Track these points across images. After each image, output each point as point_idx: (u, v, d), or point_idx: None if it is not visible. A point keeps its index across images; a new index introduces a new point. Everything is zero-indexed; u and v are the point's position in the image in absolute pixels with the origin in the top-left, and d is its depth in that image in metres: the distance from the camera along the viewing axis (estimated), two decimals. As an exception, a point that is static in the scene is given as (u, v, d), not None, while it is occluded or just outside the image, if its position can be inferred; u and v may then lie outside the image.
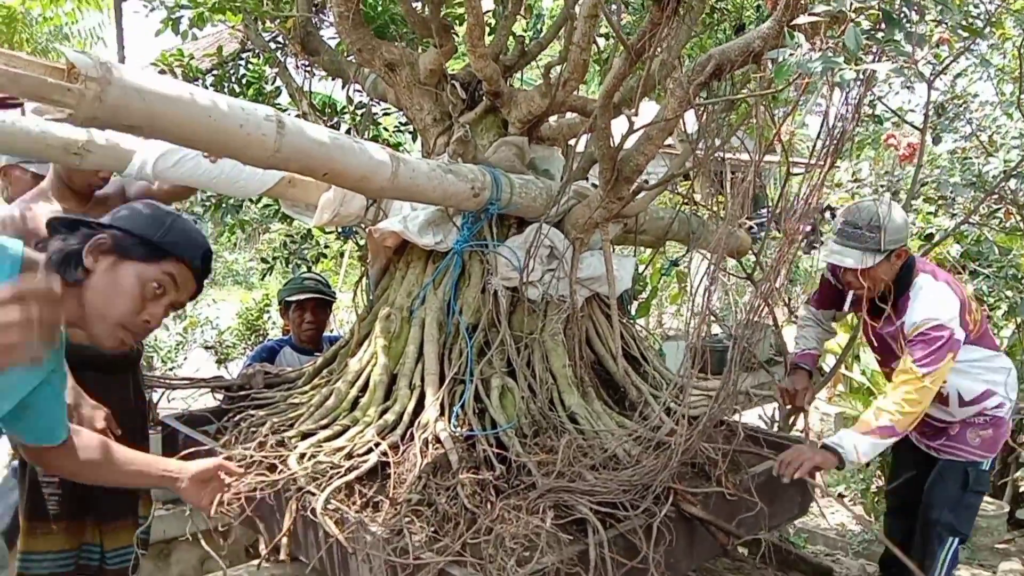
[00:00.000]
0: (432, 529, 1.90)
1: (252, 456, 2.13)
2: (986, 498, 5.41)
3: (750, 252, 3.85)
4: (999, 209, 4.86)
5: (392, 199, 2.13)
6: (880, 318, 2.79)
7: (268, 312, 5.74)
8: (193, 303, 5.87)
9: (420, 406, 2.36)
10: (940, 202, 4.88)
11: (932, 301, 2.69)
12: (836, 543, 4.86)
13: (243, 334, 5.63)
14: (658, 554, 1.93)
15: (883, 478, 5.24)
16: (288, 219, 3.69)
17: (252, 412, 2.48)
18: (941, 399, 2.80)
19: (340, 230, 2.87)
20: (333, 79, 3.33)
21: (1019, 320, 4.84)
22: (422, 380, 2.42)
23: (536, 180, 2.55)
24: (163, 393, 3.12)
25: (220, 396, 2.93)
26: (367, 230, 2.66)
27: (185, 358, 5.46)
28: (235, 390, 2.88)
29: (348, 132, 3.57)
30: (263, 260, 3.83)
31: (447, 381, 2.37)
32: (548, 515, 1.81)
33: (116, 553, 2.66)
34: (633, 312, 3.94)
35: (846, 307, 3.05)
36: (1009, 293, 5.02)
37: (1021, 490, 5.07)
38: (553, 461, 2.09)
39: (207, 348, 5.54)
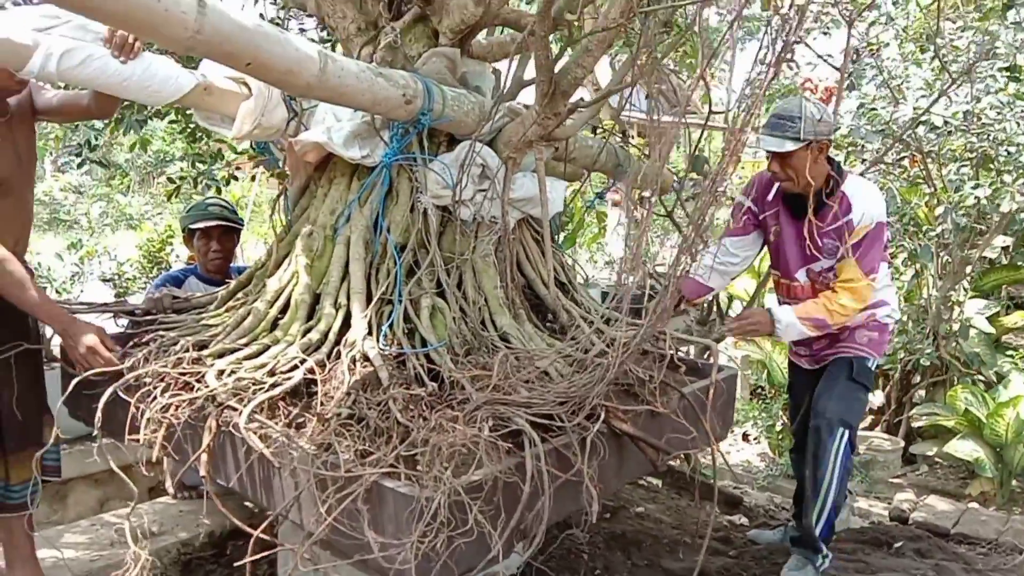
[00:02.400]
0: (362, 444, 1.82)
1: (166, 374, 2.00)
2: (882, 434, 5.76)
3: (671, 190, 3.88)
4: (904, 157, 5.06)
5: (317, 99, 2.00)
6: (802, 221, 2.85)
7: (171, 244, 5.41)
8: (89, 234, 5.51)
9: (346, 326, 2.26)
10: (850, 148, 5.04)
11: (875, 199, 2.85)
12: (743, 478, 5.05)
13: (144, 267, 5.30)
14: (591, 468, 1.92)
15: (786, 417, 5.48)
16: (194, 141, 3.46)
17: (162, 335, 2.33)
18: None
19: (256, 146, 2.69)
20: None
21: (919, 266, 5.09)
22: (347, 299, 2.31)
23: (469, 94, 2.45)
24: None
25: (123, 322, 2.75)
26: (287, 143, 2.51)
27: (81, 291, 5.10)
28: (140, 315, 2.70)
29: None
30: (169, 180, 3.58)
31: (375, 300, 2.27)
32: (485, 425, 1.76)
33: (23, 486, 2.47)
34: (560, 242, 3.91)
35: (766, 213, 3.08)
36: (907, 242, 5.29)
37: (915, 426, 5.38)
38: (487, 377, 2.04)
39: (105, 281, 5.19)
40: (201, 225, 3.34)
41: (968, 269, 5.31)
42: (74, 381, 2.15)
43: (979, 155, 4.91)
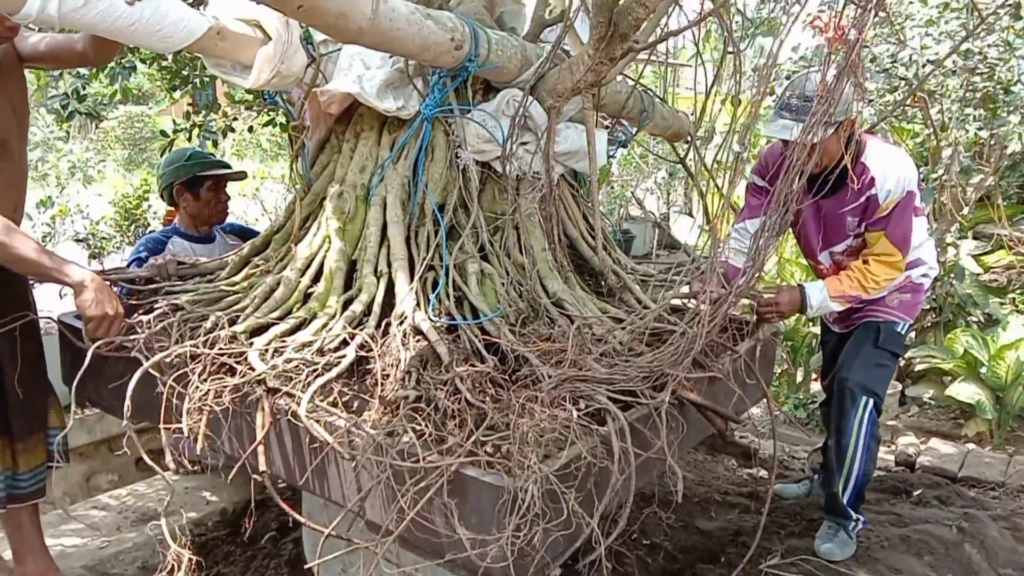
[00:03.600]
0: (433, 429, 1.67)
1: (204, 356, 1.80)
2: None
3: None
4: (908, 97, 4.96)
5: (366, 46, 1.78)
6: (822, 201, 2.71)
7: (148, 200, 5.05)
8: (60, 191, 5.14)
9: (388, 295, 2.09)
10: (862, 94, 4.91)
11: (900, 166, 2.65)
12: (755, 431, 5.01)
13: (120, 225, 4.95)
14: (671, 442, 1.81)
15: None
16: (185, 86, 3.16)
17: (177, 307, 2.11)
18: None
19: (266, 96, 2.45)
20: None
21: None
22: (388, 266, 2.13)
23: (510, 37, 2.24)
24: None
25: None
26: (310, 93, 2.28)
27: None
28: (142, 283, 2.47)
29: None
30: (162, 133, 3.28)
31: (420, 267, 2.09)
32: (573, 408, 1.62)
33: (34, 473, 2.28)
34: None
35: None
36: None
37: (912, 370, 5.41)
38: (555, 351, 1.89)
39: (78, 241, 4.84)
40: (212, 173, 3.08)
41: (965, 211, 5.29)
42: (87, 356, 1.94)
43: (982, 95, 4.84)
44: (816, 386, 5.48)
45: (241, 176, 3.26)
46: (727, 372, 2.26)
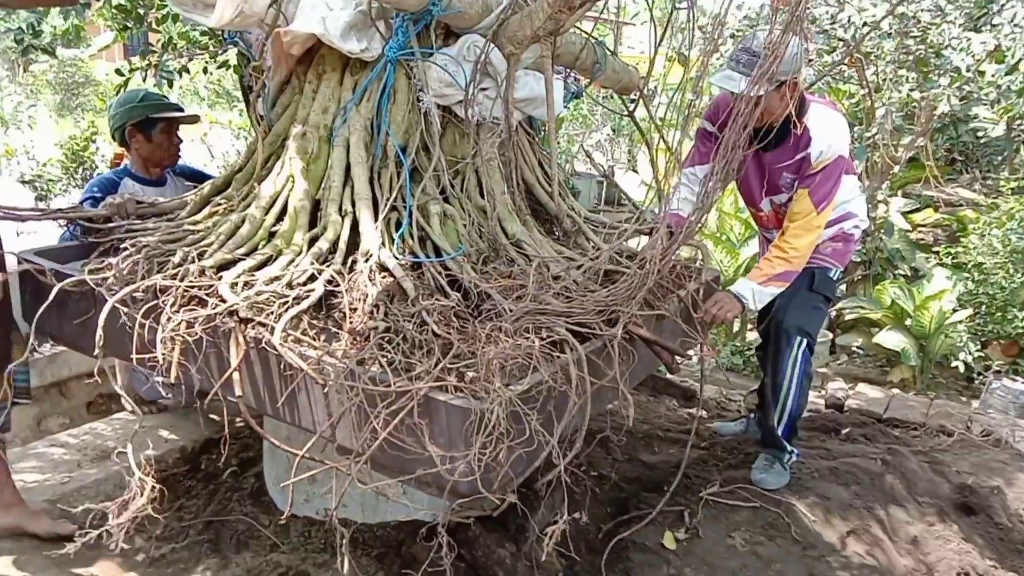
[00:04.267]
0: (402, 358, 1.76)
1: (175, 288, 1.85)
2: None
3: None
4: (845, 58, 5.14)
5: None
6: (763, 154, 2.84)
7: (95, 142, 4.92)
8: (3, 130, 4.95)
9: (353, 234, 2.15)
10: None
11: (835, 130, 2.78)
12: (694, 375, 5.23)
13: (67, 166, 4.81)
14: (625, 372, 1.94)
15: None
16: (138, 26, 3.10)
17: (139, 243, 2.13)
18: None
19: (227, 35, 2.44)
20: None
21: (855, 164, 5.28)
22: (352, 206, 2.19)
23: (473, -17, 2.29)
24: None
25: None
26: (272, 34, 2.29)
27: (-3, 194, 4.62)
28: (101, 222, 2.48)
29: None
30: (118, 72, 3.21)
31: (384, 206, 2.16)
32: (536, 337, 1.73)
33: (-10, 410, 2.28)
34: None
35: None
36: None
37: (842, 320, 5.70)
38: (515, 287, 1.99)
39: (24, 183, 4.69)
40: (165, 115, 3.05)
41: (896, 169, 5.55)
42: (53, 293, 1.97)
43: (914, 58, 5.05)
44: (753, 335, 5.74)
45: (194, 120, 3.24)
46: (674, 312, 2.40)
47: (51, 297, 1.95)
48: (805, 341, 2.94)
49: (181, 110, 3.14)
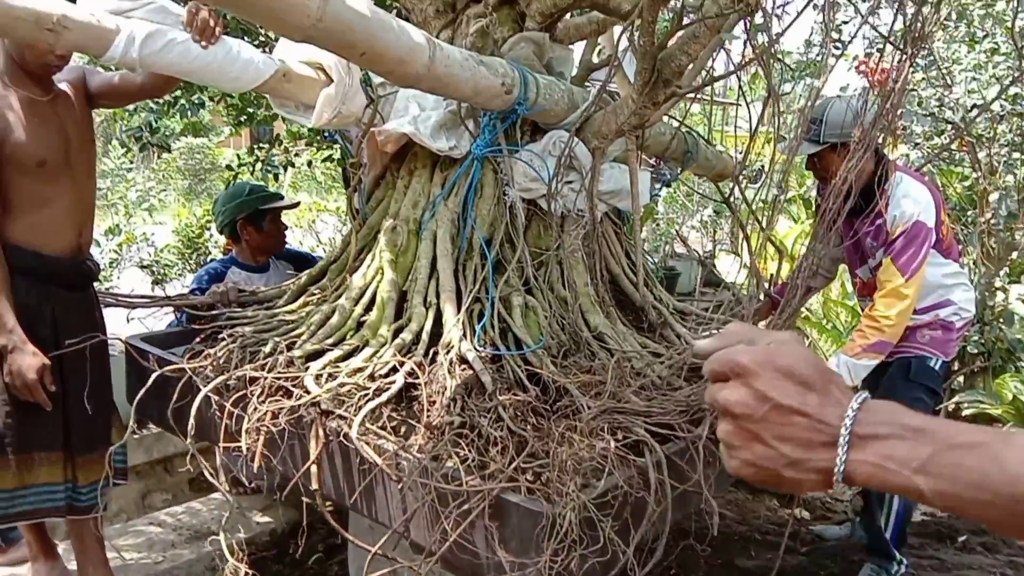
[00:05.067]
0: (476, 455, 1.74)
1: (263, 379, 1.91)
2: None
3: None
4: (954, 141, 4.96)
5: (422, 89, 1.89)
6: (856, 219, 2.82)
7: (209, 229, 5.28)
8: (127, 219, 5.39)
9: (436, 325, 2.18)
10: (900, 132, 4.93)
11: (911, 197, 2.81)
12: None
13: (183, 252, 5.17)
14: (708, 476, 1.85)
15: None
16: (250, 123, 3.33)
17: (235, 332, 2.23)
18: None
19: (328, 134, 2.59)
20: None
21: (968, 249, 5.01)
22: (437, 297, 2.22)
23: (559, 82, 2.35)
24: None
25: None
26: (368, 132, 2.40)
27: (119, 277, 4.97)
28: (204, 309, 2.61)
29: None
30: (227, 167, 3.46)
31: (467, 299, 2.18)
32: (611, 438, 1.68)
33: (92, 487, 2.39)
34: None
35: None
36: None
37: (960, 415, 5.31)
38: (594, 383, 1.95)
39: (143, 267, 5.06)
40: (274, 206, 3.27)
41: (1014, 255, 5.23)
42: (152, 377, 2.08)
43: (1028, 139, 4.80)
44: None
45: (295, 205, 3.43)
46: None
47: (149, 382, 2.06)
48: None
49: (282, 198, 3.33)
